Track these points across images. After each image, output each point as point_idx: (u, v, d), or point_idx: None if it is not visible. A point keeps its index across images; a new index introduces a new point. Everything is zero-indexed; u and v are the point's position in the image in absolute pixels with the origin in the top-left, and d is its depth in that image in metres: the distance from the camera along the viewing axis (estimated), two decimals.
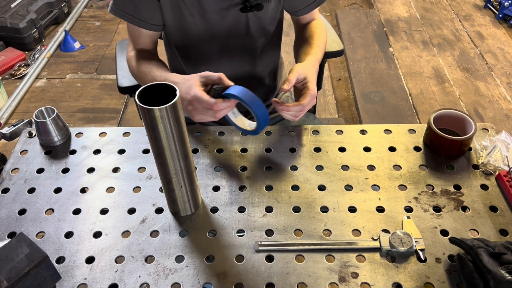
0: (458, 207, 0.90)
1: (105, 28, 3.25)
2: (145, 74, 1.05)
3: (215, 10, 1.08)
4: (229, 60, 1.20)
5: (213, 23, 1.11)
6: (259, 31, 1.17)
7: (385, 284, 0.77)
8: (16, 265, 0.71)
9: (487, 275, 0.72)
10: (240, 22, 1.12)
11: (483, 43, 3.04)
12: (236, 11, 1.10)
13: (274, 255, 0.82)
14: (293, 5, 1.18)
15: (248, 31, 1.15)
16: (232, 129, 1.08)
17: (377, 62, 2.85)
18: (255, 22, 1.14)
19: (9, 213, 0.89)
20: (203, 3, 1.07)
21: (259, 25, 1.15)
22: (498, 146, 0.98)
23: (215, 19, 1.10)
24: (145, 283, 0.78)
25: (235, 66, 1.22)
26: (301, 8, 1.18)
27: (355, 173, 0.97)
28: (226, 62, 1.20)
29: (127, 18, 1.07)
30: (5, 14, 2.88)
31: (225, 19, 1.11)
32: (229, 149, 1.03)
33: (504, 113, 2.48)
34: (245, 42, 1.17)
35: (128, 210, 0.90)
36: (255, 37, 1.17)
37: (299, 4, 1.17)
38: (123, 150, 1.03)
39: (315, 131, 1.08)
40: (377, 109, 2.49)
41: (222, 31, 1.13)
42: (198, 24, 1.10)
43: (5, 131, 1.05)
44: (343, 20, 3.23)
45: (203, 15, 1.09)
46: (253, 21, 1.13)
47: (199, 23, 1.10)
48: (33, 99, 2.59)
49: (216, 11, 1.08)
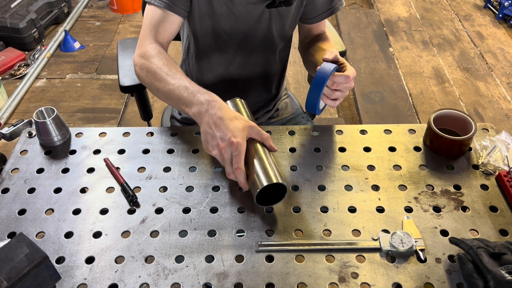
0: (458, 207, 0.90)
1: (105, 28, 3.25)
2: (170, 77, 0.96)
3: (242, 4, 1.08)
4: (244, 57, 1.20)
5: (238, 16, 1.10)
6: (279, 32, 1.17)
7: (385, 284, 0.77)
8: (16, 265, 0.71)
9: (487, 275, 0.72)
10: (263, 19, 1.12)
11: (483, 43, 3.04)
12: (262, 8, 1.10)
13: (274, 255, 0.82)
14: (309, 11, 1.17)
15: (269, 30, 1.15)
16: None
17: (377, 62, 2.85)
18: (277, 21, 1.14)
19: (9, 213, 0.89)
20: None
21: (280, 26, 1.16)
22: (498, 146, 0.98)
23: (241, 12, 1.10)
24: (145, 283, 0.78)
25: (248, 65, 1.22)
26: (315, 15, 1.18)
27: (355, 173, 0.97)
28: (240, 59, 1.20)
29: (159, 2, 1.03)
30: (5, 14, 2.88)
31: (250, 14, 1.11)
32: None
33: (504, 113, 2.48)
34: (264, 41, 1.18)
35: (128, 210, 0.90)
36: (274, 37, 1.18)
37: (314, 10, 1.17)
38: (123, 150, 1.03)
39: (315, 131, 1.08)
40: (377, 109, 2.49)
41: (244, 26, 1.13)
42: (223, 14, 1.10)
43: (5, 131, 1.05)
44: (343, 20, 3.24)
45: (230, 7, 1.09)
46: (276, 20, 1.14)
47: (225, 14, 1.10)
48: (33, 99, 2.59)
49: (244, 4, 1.08)
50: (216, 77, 1.24)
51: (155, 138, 1.06)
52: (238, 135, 0.84)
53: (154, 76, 0.99)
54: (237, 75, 1.24)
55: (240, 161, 0.84)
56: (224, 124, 0.85)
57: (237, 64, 1.21)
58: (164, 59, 1.00)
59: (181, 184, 0.95)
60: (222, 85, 1.25)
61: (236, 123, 0.86)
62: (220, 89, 1.27)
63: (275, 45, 1.20)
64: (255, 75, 1.25)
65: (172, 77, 0.96)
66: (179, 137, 1.06)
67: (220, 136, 0.84)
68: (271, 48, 1.20)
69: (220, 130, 0.84)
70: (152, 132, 1.07)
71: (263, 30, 1.15)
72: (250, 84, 1.27)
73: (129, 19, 3.33)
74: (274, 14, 1.12)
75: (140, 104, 1.36)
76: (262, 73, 1.26)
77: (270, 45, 1.19)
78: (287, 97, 1.44)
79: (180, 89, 0.93)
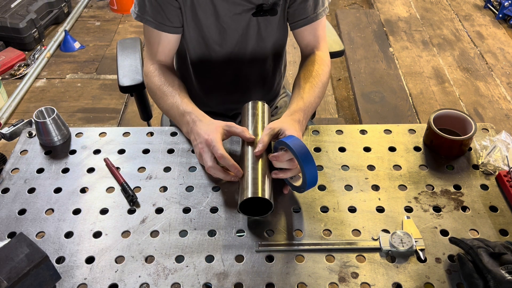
0: (458, 207, 0.90)
1: (105, 28, 3.25)
2: (166, 96, 1.04)
3: (228, 15, 1.09)
4: (238, 64, 1.20)
5: (226, 27, 1.11)
6: (270, 37, 1.16)
7: (385, 284, 0.77)
8: (16, 265, 0.71)
9: (487, 275, 0.72)
10: (252, 27, 1.12)
11: (483, 43, 3.04)
12: (249, 16, 1.10)
13: (274, 255, 0.82)
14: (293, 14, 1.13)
15: (259, 37, 1.15)
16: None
17: (377, 62, 2.85)
18: (267, 27, 1.13)
19: (9, 213, 0.89)
20: (218, 7, 1.07)
21: (270, 32, 1.15)
22: (498, 146, 0.98)
23: (228, 23, 1.10)
24: (145, 283, 0.78)
25: (243, 70, 1.22)
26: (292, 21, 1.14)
27: (355, 173, 0.97)
28: (235, 65, 1.20)
29: (150, 24, 1.08)
30: (5, 14, 2.88)
31: (238, 24, 1.11)
32: (229, 149, 1.03)
33: (504, 113, 2.48)
34: (256, 48, 1.17)
35: (128, 210, 0.90)
36: (265, 43, 1.17)
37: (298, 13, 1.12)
38: (123, 150, 1.03)
39: (315, 131, 1.08)
40: (377, 109, 2.49)
41: (234, 36, 1.13)
42: (212, 27, 1.11)
43: (5, 131, 1.05)
44: (343, 20, 3.23)
45: (217, 19, 1.09)
46: (265, 26, 1.13)
47: (213, 27, 1.11)
48: (33, 99, 2.59)
49: (230, 16, 1.09)
50: (213, 82, 1.25)
51: (155, 138, 1.06)
52: (210, 133, 0.91)
53: (155, 95, 1.09)
54: (234, 79, 1.24)
55: (218, 150, 0.88)
56: (201, 131, 0.93)
57: (232, 70, 1.21)
58: (163, 78, 1.08)
59: (181, 184, 0.95)
60: (220, 88, 1.26)
61: (210, 126, 0.93)
62: (219, 91, 1.27)
63: (267, 50, 1.19)
64: (252, 78, 1.25)
65: (168, 96, 1.04)
66: (179, 137, 1.06)
67: (199, 141, 0.92)
68: (264, 54, 1.20)
69: (199, 137, 0.93)
70: (152, 132, 1.07)
71: (253, 37, 1.15)
72: (248, 86, 1.27)
73: (129, 19, 3.33)
74: (262, 21, 1.12)
75: (139, 104, 1.36)
76: (259, 77, 1.25)
77: (263, 51, 1.19)
78: (286, 96, 1.45)
79: (173, 109, 1.03)
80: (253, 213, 0.87)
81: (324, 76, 1.09)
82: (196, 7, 1.07)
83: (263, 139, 0.89)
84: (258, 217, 0.88)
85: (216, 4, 1.07)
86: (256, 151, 0.89)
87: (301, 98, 1.01)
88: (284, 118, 0.95)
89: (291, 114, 0.97)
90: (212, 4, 1.07)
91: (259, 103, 1.00)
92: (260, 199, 0.84)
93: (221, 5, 1.07)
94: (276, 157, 0.87)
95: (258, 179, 0.86)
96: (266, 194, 0.84)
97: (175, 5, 1.07)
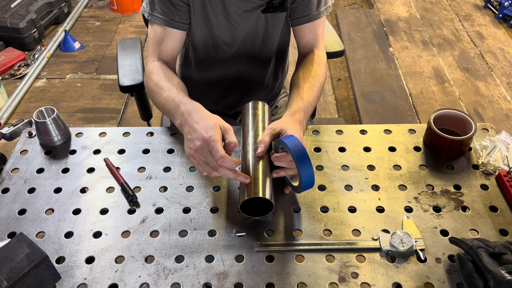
0: (458, 207, 0.90)
1: (105, 28, 3.25)
2: (163, 90, 0.99)
3: (238, 13, 1.09)
4: (243, 63, 1.20)
5: (236, 25, 1.11)
6: (276, 34, 1.16)
7: (385, 284, 0.77)
8: (16, 265, 0.71)
9: (487, 275, 0.72)
10: (260, 24, 1.12)
11: (483, 43, 3.04)
12: (258, 14, 1.10)
13: (274, 255, 0.82)
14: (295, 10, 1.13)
15: (267, 34, 1.15)
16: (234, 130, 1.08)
17: (377, 62, 2.85)
18: (274, 24, 1.13)
19: (9, 213, 0.89)
20: (227, 5, 1.07)
21: (277, 29, 1.15)
22: (498, 146, 0.98)
23: (237, 21, 1.10)
24: (145, 283, 0.78)
25: (248, 69, 1.22)
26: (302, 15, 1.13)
27: (355, 173, 0.97)
28: (240, 64, 1.20)
29: (159, 20, 1.06)
30: (5, 14, 2.88)
31: (247, 22, 1.11)
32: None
33: (504, 113, 2.48)
34: (263, 46, 1.17)
35: (128, 210, 0.90)
36: (272, 41, 1.17)
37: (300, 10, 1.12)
38: (123, 150, 1.03)
39: (315, 131, 1.08)
40: (377, 109, 2.49)
41: (243, 34, 1.13)
42: (221, 25, 1.11)
43: (5, 131, 1.05)
44: (343, 20, 3.23)
45: (227, 17, 1.09)
46: (273, 23, 1.13)
47: (223, 25, 1.11)
48: (33, 99, 2.59)
49: (239, 13, 1.09)
50: (216, 81, 1.25)
51: (155, 138, 1.06)
52: (209, 131, 0.84)
53: (151, 92, 1.03)
54: (237, 78, 1.24)
55: (218, 151, 0.82)
56: (198, 126, 0.86)
57: (237, 70, 1.21)
58: (162, 74, 1.03)
59: (181, 184, 0.95)
60: (222, 86, 1.26)
61: (207, 121, 0.86)
62: (221, 89, 1.27)
63: (273, 48, 1.20)
64: (255, 77, 1.25)
65: (164, 90, 0.99)
66: (179, 137, 1.06)
67: (196, 137, 0.85)
68: (270, 51, 1.20)
69: (195, 132, 0.86)
70: (152, 132, 1.07)
71: (261, 35, 1.15)
72: (251, 85, 1.27)
73: (129, 19, 3.33)
74: (270, 18, 1.12)
75: (139, 104, 1.36)
76: (262, 75, 1.26)
77: (269, 48, 1.19)
78: (286, 95, 1.45)
79: (168, 102, 0.96)
80: (254, 213, 0.87)
81: (322, 76, 1.09)
82: (206, 5, 1.07)
83: (264, 139, 0.89)
84: (259, 217, 0.88)
85: (225, 2, 1.07)
86: (258, 152, 0.88)
87: (301, 98, 1.01)
88: (285, 118, 0.95)
89: (292, 114, 0.97)
90: (222, 2, 1.07)
91: (260, 103, 1.00)
92: (260, 199, 0.84)
93: (230, 3, 1.07)
94: (278, 157, 0.87)
95: (259, 179, 0.86)
96: (267, 194, 0.84)
97: (185, 1, 1.07)
